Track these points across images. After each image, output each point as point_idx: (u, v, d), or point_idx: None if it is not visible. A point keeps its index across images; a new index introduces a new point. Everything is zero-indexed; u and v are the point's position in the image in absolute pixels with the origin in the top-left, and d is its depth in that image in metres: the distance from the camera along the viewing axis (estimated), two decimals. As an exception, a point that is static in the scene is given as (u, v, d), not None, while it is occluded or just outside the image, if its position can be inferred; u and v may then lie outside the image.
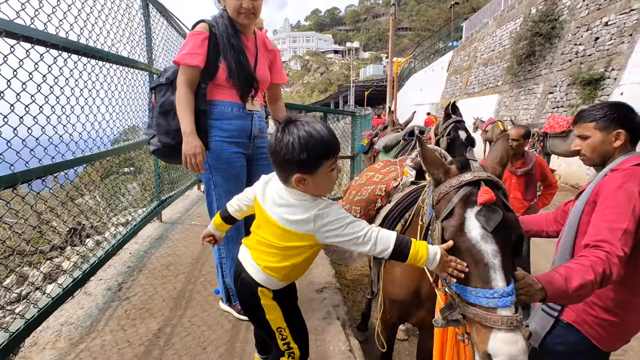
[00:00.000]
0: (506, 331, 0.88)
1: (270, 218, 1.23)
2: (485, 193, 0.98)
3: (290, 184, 1.17)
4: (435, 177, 1.14)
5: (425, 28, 37.48)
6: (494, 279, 0.94)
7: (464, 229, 1.00)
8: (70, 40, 1.97)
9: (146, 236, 3.30)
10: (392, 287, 1.63)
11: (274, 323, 1.32)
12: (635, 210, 1.19)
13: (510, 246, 1.00)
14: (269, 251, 1.25)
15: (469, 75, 17.30)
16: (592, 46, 9.40)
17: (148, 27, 3.19)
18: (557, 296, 1.07)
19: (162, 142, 1.88)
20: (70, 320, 2.09)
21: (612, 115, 1.37)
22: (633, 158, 1.34)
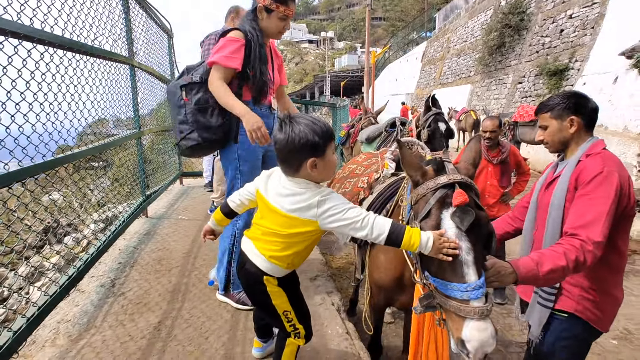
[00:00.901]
0: (477, 320, 1.00)
1: (275, 207, 1.32)
2: (459, 195, 1.08)
3: (302, 171, 1.28)
4: (414, 179, 1.24)
5: (400, 18, 37.76)
6: (467, 273, 1.05)
7: (440, 228, 1.11)
8: (54, 34, 1.93)
9: (134, 232, 3.28)
10: (378, 273, 1.75)
11: (279, 308, 1.42)
12: (617, 192, 1.28)
13: (482, 242, 1.12)
14: (273, 240, 1.34)
15: (443, 66, 17.68)
16: (557, 38, 9.85)
17: (128, 19, 3.12)
18: (527, 279, 1.18)
19: (203, 137, 2.01)
20: (67, 317, 2.09)
21: (564, 104, 1.47)
22: (599, 143, 1.45)
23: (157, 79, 4.08)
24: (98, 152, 2.51)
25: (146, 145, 4.30)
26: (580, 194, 1.33)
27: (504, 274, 1.17)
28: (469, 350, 1.00)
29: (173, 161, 4.98)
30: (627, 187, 1.33)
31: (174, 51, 4.72)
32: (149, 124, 4.04)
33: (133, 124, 3.37)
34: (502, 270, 1.17)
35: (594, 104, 1.49)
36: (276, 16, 2.00)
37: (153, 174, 4.00)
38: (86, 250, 2.40)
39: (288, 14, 2.01)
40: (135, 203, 3.36)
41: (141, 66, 3.38)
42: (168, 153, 4.82)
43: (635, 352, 2.62)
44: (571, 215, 1.32)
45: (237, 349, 1.86)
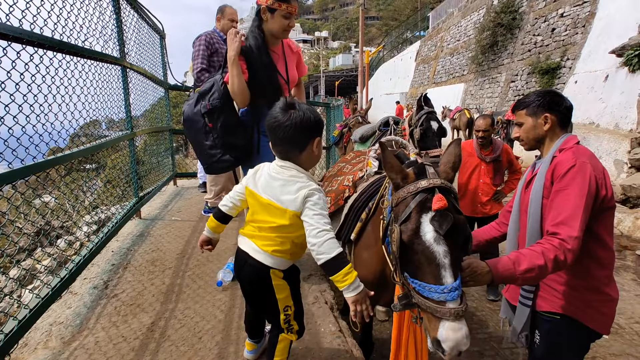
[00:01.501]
0: (452, 320, 1.04)
1: (266, 200, 1.38)
2: (438, 200, 1.11)
3: (306, 151, 1.38)
4: (395, 182, 1.27)
5: (393, 17, 37.86)
6: (444, 276, 1.08)
7: (419, 232, 1.13)
8: (43, 35, 1.92)
9: (127, 234, 3.27)
10: (361, 270, 1.75)
11: (282, 302, 1.45)
12: (591, 183, 1.29)
13: (459, 245, 1.15)
14: (272, 235, 1.38)
15: (436, 65, 17.77)
16: (549, 37, 9.94)
17: (119, 20, 3.11)
18: (504, 278, 1.21)
19: (235, 156, 2.12)
20: (59, 320, 2.08)
21: (539, 101, 1.50)
22: (571, 138, 1.46)
23: (150, 79, 4.06)
24: (88, 154, 2.50)
25: (139, 146, 4.29)
26: (555, 189, 1.34)
27: (480, 274, 1.20)
28: (445, 350, 1.04)
29: (167, 162, 4.96)
30: (601, 177, 1.34)
31: (166, 52, 4.70)
32: (142, 124, 4.03)
33: (125, 125, 3.35)
34: (478, 270, 1.20)
35: (568, 102, 1.51)
36: (279, 14, 2.02)
37: (146, 175, 3.99)
38: (78, 253, 2.38)
39: (291, 11, 2.03)
40: (128, 205, 3.34)
41: (133, 67, 3.37)
42: (161, 154, 4.81)
43: (625, 347, 2.65)
44: (550, 212, 1.33)
45: (230, 348, 1.86)
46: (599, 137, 6.89)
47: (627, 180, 5.85)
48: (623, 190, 5.80)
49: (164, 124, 4.83)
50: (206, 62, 3.38)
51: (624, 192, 5.78)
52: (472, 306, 3.21)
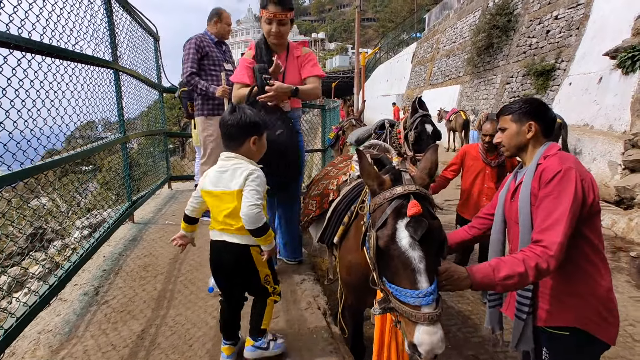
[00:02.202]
0: (427, 325, 1.06)
1: (219, 191, 1.62)
2: (413, 206, 1.13)
3: (244, 146, 1.63)
4: (371, 188, 1.29)
5: (390, 19, 37.96)
6: (420, 281, 1.10)
7: (395, 238, 1.15)
8: (31, 40, 1.90)
9: (119, 238, 3.24)
10: (346, 274, 1.80)
11: (262, 273, 1.70)
12: (578, 188, 1.28)
13: (434, 250, 1.17)
14: (237, 218, 1.57)
15: (433, 66, 17.82)
16: (544, 39, 9.99)
17: (111, 23, 3.09)
18: (483, 284, 1.20)
19: None
20: (48, 327, 2.05)
21: (525, 108, 1.49)
22: (553, 146, 1.46)
23: (143, 82, 4.04)
24: (80, 159, 2.47)
25: (135, 149, 4.27)
26: (542, 195, 1.33)
27: (457, 279, 1.20)
28: (421, 353, 1.06)
29: (161, 165, 4.93)
30: (588, 182, 1.33)
31: (160, 54, 4.67)
32: (136, 127, 4.00)
33: (118, 129, 3.33)
34: (455, 275, 1.20)
35: (552, 114, 1.52)
36: (263, 21, 2.22)
37: (140, 179, 3.96)
38: (68, 259, 2.36)
39: (269, 16, 2.17)
40: (120, 209, 3.31)
41: (125, 70, 3.34)
42: (156, 157, 4.78)
43: (619, 349, 2.65)
44: (537, 220, 1.32)
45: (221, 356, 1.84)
46: (593, 139, 6.92)
47: (621, 181, 5.87)
48: (617, 192, 5.82)
49: (158, 127, 4.81)
50: (196, 66, 3.35)
51: (618, 193, 5.80)
52: (467, 309, 3.20)
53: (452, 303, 3.28)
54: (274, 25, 2.22)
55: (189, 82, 3.34)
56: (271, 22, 2.20)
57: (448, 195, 5.95)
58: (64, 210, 4.37)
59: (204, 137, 3.54)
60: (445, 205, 6.40)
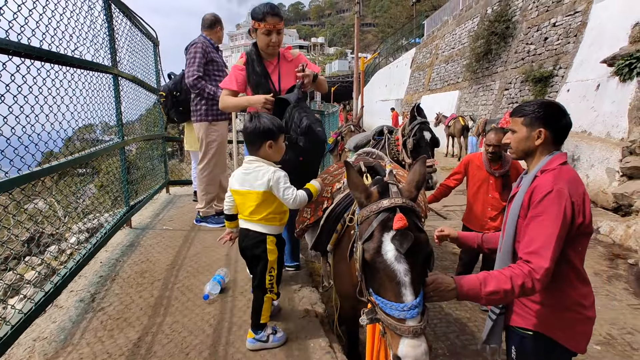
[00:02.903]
0: (411, 338, 1.07)
1: (245, 190, 1.87)
2: (399, 220, 1.14)
3: (262, 150, 1.86)
4: (359, 200, 1.30)
5: (389, 25, 38.15)
6: (405, 294, 1.11)
7: (381, 251, 1.15)
8: (30, 46, 1.90)
9: (116, 244, 3.22)
10: (340, 283, 1.81)
11: (270, 264, 1.89)
12: (567, 212, 1.28)
13: (420, 263, 1.18)
14: (259, 211, 1.86)
15: (431, 72, 17.90)
16: (542, 45, 10.05)
17: (111, 28, 3.09)
18: (469, 297, 1.23)
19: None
20: (43, 335, 2.04)
21: (538, 113, 1.43)
22: (557, 157, 1.41)
23: (142, 87, 4.04)
24: (77, 164, 2.47)
25: (133, 153, 4.26)
26: (531, 214, 1.33)
27: (444, 290, 1.21)
28: None
29: (159, 169, 4.92)
30: (580, 204, 1.31)
31: (159, 59, 4.68)
32: (137, 131, 4.00)
33: (116, 133, 3.32)
34: (442, 286, 1.21)
35: (568, 120, 1.45)
36: (260, 33, 2.28)
37: (138, 184, 3.95)
38: (64, 264, 2.34)
39: (269, 28, 2.24)
40: (118, 214, 3.30)
41: (124, 75, 3.34)
42: (154, 161, 4.77)
43: (617, 358, 2.64)
44: (524, 238, 1.32)
45: (218, 364, 1.83)
46: (591, 146, 6.95)
47: (619, 188, 5.88)
48: (615, 199, 5.84)
49: (157, 131, 4.80)
50: (202, 70, 3.35)
51: (616, 200, 5.82)
52: (465, 317, 3.19)
53: (450, 310, 3.27)
54: (274, 35, 2.30)
55: (195, 86, 3.31)
56: (270, 32, 2.29)
57: (447, 202, 5.95)
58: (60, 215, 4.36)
59: (206, 143, 3.51)
60: (444, 211, 6.40)
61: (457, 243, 1.77)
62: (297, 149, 2.26)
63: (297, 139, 2.25)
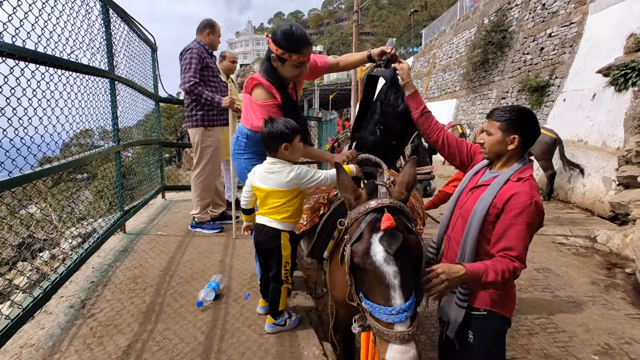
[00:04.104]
0: (400, 344, 1.03)
1: (269, 189, 1.91)
2: (386, 220, 1.11)
3: (279, 152, 1.89)
4: (349, 202, 1.28)
5: (387, 34, 38.51)
6: (393, 297, 1.07)
7: (369, 252, 1.12)
8: (25, 48, 1.89)
9: (109, 249, 3.18)
10: (336, 290, 1.77)
11: (284, 258, 1.98)
12: (541, 217, 1.42)
13: (411, 265, 1.14)
14: (281, 209, 1.92)
15: (429, 81, 18.03)
16: (538, 55, 10.15)
17: (108, 32, 3.09)
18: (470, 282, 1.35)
19: None
20: (30, 341, 1.99)
21: (514, 120, 1.52)
22: (529, 167, 1.53)
23: (140, 92, 4.03)
24: (71, 168, 2.44)
25: (129, 157, 4.23)
26: (511, 221, 1.41)
27: (456, 276, 1.26)
28: None
29: (155, 174, 4.89)
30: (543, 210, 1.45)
31: (157, 64, 4.68)
32: (133, 136, 3.98)
33: (112, 138, 3.30)
34: (453, 274, 1.26)
35: (537, 128, 1.56)
36: (290, 64, 1.92)
37: (133, 188, 3.92)
38: (55, 270, 2.30)
39: (303, 60, 1.91)
40: (111, 219, 3.27)
41: (121, 79, 3.34)
42: (151, 166, 4.74)
43: (616, 369, 2.61)
44: (504, 240, 1.41)
45: (209, 373, 1.79)
46: (587, 155, 6.97)
47: (616, 197, 5.89)
48: (612, 207, 5.84)
49: (153, 136, 4.78)
50: (198, 76, 3.35)
51: (613, 209, 5.82)
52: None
53: (433, 307, 3.23)
54: (304, 67, 1.99)
55: (191, 92, 3.30)
56: (302, 64, 1.95)
57: (444, 209, 5.93)
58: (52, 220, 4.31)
59: (202, 148, 3.51)
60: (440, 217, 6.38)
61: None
62: (391, 132, 2.00)
63: (392, 122, 1.98)
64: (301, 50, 1.87)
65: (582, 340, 2.87)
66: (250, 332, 2.10)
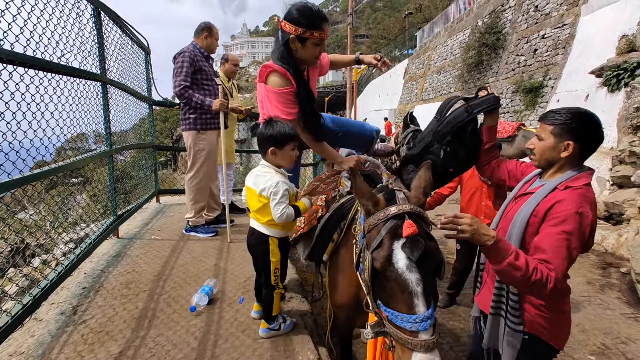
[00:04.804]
0: (425, 352, 1.01)
1: (255, 191, 1.91)
2: (409, 227, 1.09)
3: (267, 156, 1.90)
4: (366, 208, 1.25)
5: (382, 36, 38.70)
6: (417, 305, 1.05)
7: (391, 259, 1.10)
8: (13, 52, 1.86)
9: (102, 254, 3.14)
10: (335, 294, 1.75)
11: (273, 264, 1.98)
12: (585, 233, 1.27)
13: (432, 272, 1.13)
14: (264, 212, 1.91)
15: (424, 82, 18.10)
16: (531, 57, 10.23)
17: (100, 36, 3.06)
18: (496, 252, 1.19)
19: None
20: (20, 350, 1.95)
21: (569, 124, 1.34)
22: (584, 176, 1.33)
23: (133, 95, 4.00)
24: (61, 173, 2.41)
25: (122, 161, 4.19)
26: (552, 230, 1.28)
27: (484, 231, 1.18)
28: None
29: (150, 178, 4.85)
30: (594, 228, 1.31)
31: (151, 67, 4.66)
32: (128, 139, 3.94)
33: (105, 142, 3.27)
34: (483, 229, 1.18)
35: (600, 134, 1.36)
36: (311, 43, 1.88)
37: (127, 193, 3.88)
38: (46, 276, 2.26)
39: (323, 37, 1.89)
40: (104, 223, 3.23)
41: (113, 82, 3.31)
42: (145, 170, 4.70)
43: (612, 369, 2.61)
44: (545, 245, 1.28)
45: (202, 380, 1.76)
46: (582, 155, 7.03)
47: (610, 197, 5.92)
48: (606, 207, 5.87)
49: (147, 140, 4.75)
50: (189, 79, 3.34)
51: (607, 208, 5.85)
52: (459, 327, 3.14)
53: (444, 320, 3.22)
54: (323, 45, 1.95)
55: (181, 95, 3.31)
56: (321, 42, 1.92)
57: (440, 210, 5.94)
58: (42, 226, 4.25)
59: (195, 152, 3.50)
60: (437, 219, 6.38)
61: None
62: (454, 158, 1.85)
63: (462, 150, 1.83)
64: (322, 25, 1.85)
65: (579, 340, 2.87)
66: (244, 337, 2.07)
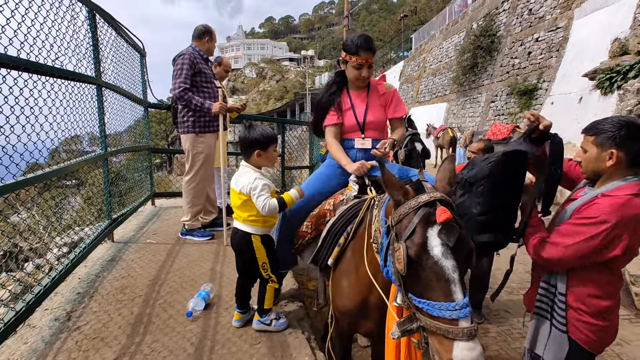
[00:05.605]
0: (467, 340, 0.99)
1: (235, 191, 2.01)
2: (443, 212, 1.08)
3: (252, 158, 2.02)
4: (395, 198, 1.23)
5: (378, 38, 38.81)
6: (455, 292, 1.03)
7: (426, 246, 1.08)
8: (7, 55, 1.84)
9: (96, 258, 3.11)
10: (340, 299, 1.71)
11: (260, 260, 2.06)
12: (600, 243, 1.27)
13: (463, 259, 1.11)
14: (244, 210, 2.01)
15: (420, 84, 18.18)
16: (525, 60, 10.32)
17: (95, 38, 3.04)
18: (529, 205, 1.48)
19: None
20: (13, 357, 1.92)
21: (612, 133, 1.30)
22: (629, 186, 1.29)
23: (127, 98, 3.97)
24: (54, 177, 2.38)
25: (117, 164, 4.16)
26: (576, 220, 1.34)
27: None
28: None
29: (145, 181, 4.82)
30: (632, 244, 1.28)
31: (146, 70, 4.63)
32: (124, 142, 3.91)
33: (99, 145, 3.24)
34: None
35: None
36: (351, 66, 2.15)
37: (122, 196, 3.85)
38: (39, 282, 2.23)
39: (361, 62, 2.09)
40: (99, 227, 3.20)
41: (108, 85, 3.28)
42: (140, 172, 4.67)
43: (608, 371, 2.62)
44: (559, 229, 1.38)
45: (198, 386, 1.74)
46: (576, 157, 7.08)
47: (604, 199, 5.98)
48: (600, 209, 5.92)
49: (143, 142, 4.72)
50: (189, 82, 3.32)
51: (601, 210, 5.89)
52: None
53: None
54: (365, 69, 2.14)
55: (181, 98, 3.29)
56: (362, 67, 2.13)
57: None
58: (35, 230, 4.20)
59: (193, 155, 3.48)
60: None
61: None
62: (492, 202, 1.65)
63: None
64: (359, 52, 2.09)
65: (574, 342, 2.88)
66: (241, 343, 2.06)
